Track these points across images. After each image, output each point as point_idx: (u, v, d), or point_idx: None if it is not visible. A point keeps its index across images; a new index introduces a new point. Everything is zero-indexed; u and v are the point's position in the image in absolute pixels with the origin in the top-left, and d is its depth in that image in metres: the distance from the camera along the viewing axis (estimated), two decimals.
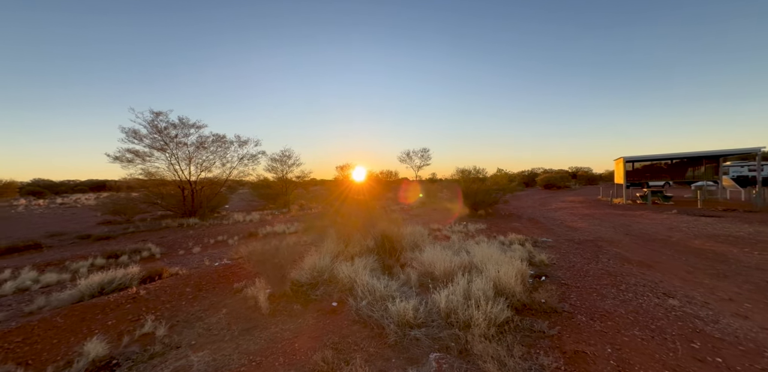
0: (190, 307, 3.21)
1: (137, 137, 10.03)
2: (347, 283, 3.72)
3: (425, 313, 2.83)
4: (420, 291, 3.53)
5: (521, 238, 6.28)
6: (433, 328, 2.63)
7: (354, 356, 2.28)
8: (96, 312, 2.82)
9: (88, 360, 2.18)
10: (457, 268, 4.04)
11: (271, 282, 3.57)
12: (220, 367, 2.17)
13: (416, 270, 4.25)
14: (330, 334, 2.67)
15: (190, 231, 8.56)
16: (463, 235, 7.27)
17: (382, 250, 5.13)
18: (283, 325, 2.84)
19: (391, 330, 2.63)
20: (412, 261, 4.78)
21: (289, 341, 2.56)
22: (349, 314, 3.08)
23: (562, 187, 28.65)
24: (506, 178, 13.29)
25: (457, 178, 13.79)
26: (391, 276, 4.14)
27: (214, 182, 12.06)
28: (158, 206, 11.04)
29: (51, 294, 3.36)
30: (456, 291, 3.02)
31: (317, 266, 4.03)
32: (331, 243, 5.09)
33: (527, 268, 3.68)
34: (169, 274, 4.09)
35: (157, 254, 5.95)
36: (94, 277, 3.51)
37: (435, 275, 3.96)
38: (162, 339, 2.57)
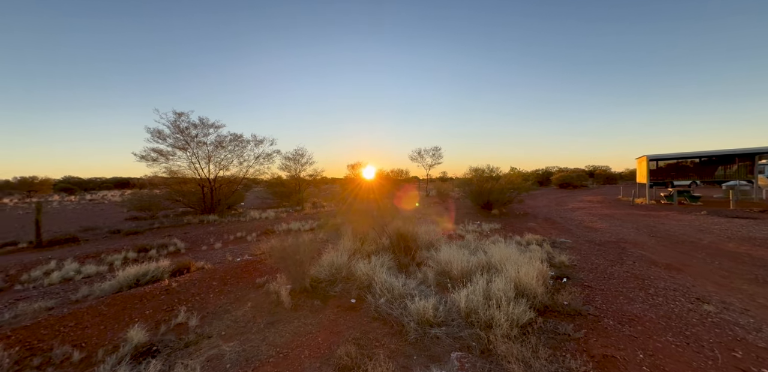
0: (217, 300, 3.37)
1: (161, 137, 10.50)
2: (365, 280, 3.79)
3: (445, 312, 2.85)
4: (438, 290, 3.55)
5: (538, 239, 6.16)
6: (454, 327, 2.65)
7: (376, 352, 2.34)
8: (135, 302, 3.02)
9: (131, 345, 2.35)
10: (475, 267, 4.03)
11: (291, 278, 3.69)
12: (250, 357, 2.28)
13: (433, 269, 4.26)
14: (351, 330, 2.74)
15: (210, 227, 8.91)
16: (478, 235, 7.20)
17: (398, 249, 5.17)
18: (305, 320, 2.94)
19: (411, 328, 2.67)
20: (427, 260, 4.80)
21: (312, 335, 2.65)
22: (368, 311, 3.14)
23: (579, 186, 27.70)
24: (521, 177, 12.98)
25: (469, 177, 13.61)
26: (408, 274, 4.18)
27: (232, 180, 12.46)
28: (180, 203, 11.55)
29: (93, 284, 3.62)
30: (475, 291, 3.02)
31: (335, 263, 4.12)
32: (347, 241, 5.18)
33: (547, 270, 3.62)
34: (196, 268, 4.30)
35: (182, 249, 6.24)
36: (130, 269, 3.74)
37: (452, 275, 3.97)
38: (195, 329, 2.73)
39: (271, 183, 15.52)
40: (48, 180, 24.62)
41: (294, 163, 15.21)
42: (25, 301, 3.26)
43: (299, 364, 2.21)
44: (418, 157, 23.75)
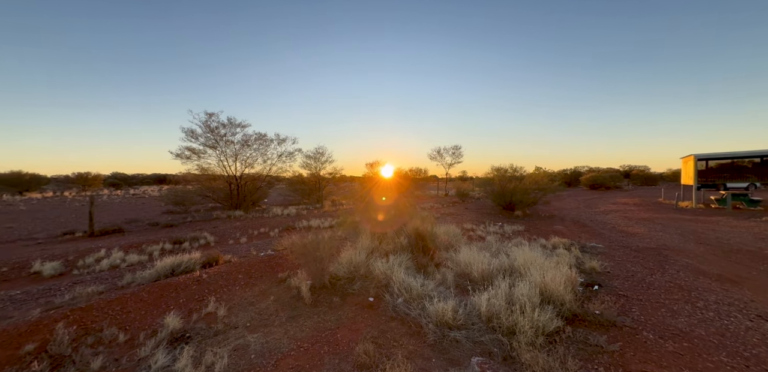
0: (243, 293, 3.54)
1: (194, 136, 11.22)
2: (383, 279, 3.80)
3: (465, 315, 2.78)
4: (457, 292, 3.47)
5: (566, 242, 5.81)
6: (474, 331, 2.58)
7: (394, 352, 2.33)
8: (170, 290, 3.26)
9: (168, 331, 2.54)
10: (496, 270, 3.90)
11: (311, 274, 3.78)
12: (273, 349, 2.37)
13: (452, 270, 4.18)
14: (369, 328, 2.76)
15: (236, 222, 9.40)
16: (500, 237, 6.95)
17: (416, 249, 5.13)
18: (325, 316, 3.00)
19: (429, 329, 2.63)
20: (446, 261, 4.71)
21: (331, 331, 2.70)
22: (386, 310, 3.14)
23: (612, 187, 25.77)
24: (546, 177, 12.30)
25: (491, 177, 13.14)
26: (426, 275, 4.13)
27: (256, 178, 13.03)
28: (209, 199, 12.29)
29: (135, 272, 3.96)
30: (497, 295, 2.91)
31: (353, 261, 4.17)
32: (365, 239, 5.22)
33: (576, 276, 3.40)
34: (224, 261, 4.55)
35: (212, 242, 6.64)
36: (166, 260, 4.04)
37: (472, 277, 3.86)
38: (222, 319, 2.89)
39: (292, 181, 16.04)
40: (99, 176, 27.40)
41: (314, 162, 15.60)
42: (80, 284, 3.65)
43: (319, 359, 2.26)
44: (437, 156, 23.35)
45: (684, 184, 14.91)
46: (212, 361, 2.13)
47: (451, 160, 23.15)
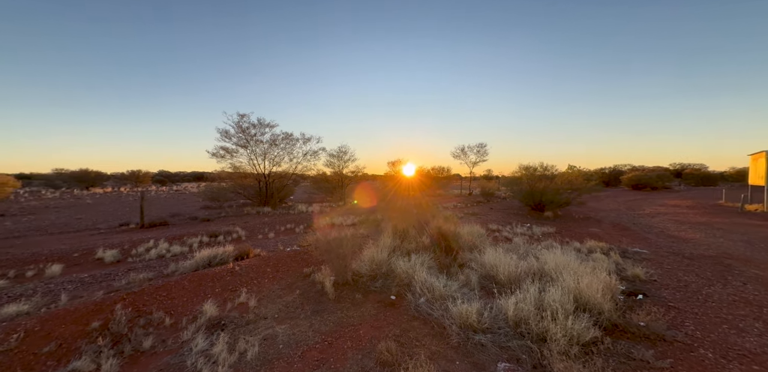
0: (271, 285, 3.73)
1: (227, 136, 12.02)
2: (404, 278, 3.78)
3: (490, 318, 2.68)
4: (482, 294, 3.36)
5: (603, 247, 5.36)
6: (500, 335, 2.48)
7: (417, 352, 2.32)
8: (208, 280, 3.54)
9: (206, 317, 2.75)
10: (525, 274, 3.71)
11: (334, 270, 3.88)
12: (299, 341, 2.47)
13: (476, 272, 4.05)
14: (390, 327, 2.77)
15: (265, 218, 9.92)
16: (528, 239, 6.60)
17: (438, 249, 5.04)
18: (347, 312, 3.06)
19: (453, 331, 2.58)
20: (470, 262, 4.58)
21: (354, 327, 2.75)
22: (408, 309, 3.13)
23: (659, 188, 23.25)
24: (581, 177, 11.39)
25: (518, 176, 12.48)
26: (449, 275, 4.04)
27: (283, 176, 13.63)
28: (241, 195, 13.11)
29: (178, 262, 4.35)
30: (525, 299, 2.77)
31: (375, 259, 4.20)
32: (387, 238, 5.23)
33: (617, 283, 3.12)
34: (254, 254, 4.83)
35: (243, 237, 7.08)
36: (204, 251, 4.39)
37: (498, 279, 3.71)
38: (253, 309, 3.07)
39: (316, 179, 16.55)
40: (148, 173, 30.48)
41: (337, 160, 15.94)
42: (134, 271, 4.09)
43: (342, 354, 2.32)
44: (460, 154, 22.69)
45: (753, 184, 12.99)
46: (245, 349, 2.28)
47: (476, 159, 22.38)
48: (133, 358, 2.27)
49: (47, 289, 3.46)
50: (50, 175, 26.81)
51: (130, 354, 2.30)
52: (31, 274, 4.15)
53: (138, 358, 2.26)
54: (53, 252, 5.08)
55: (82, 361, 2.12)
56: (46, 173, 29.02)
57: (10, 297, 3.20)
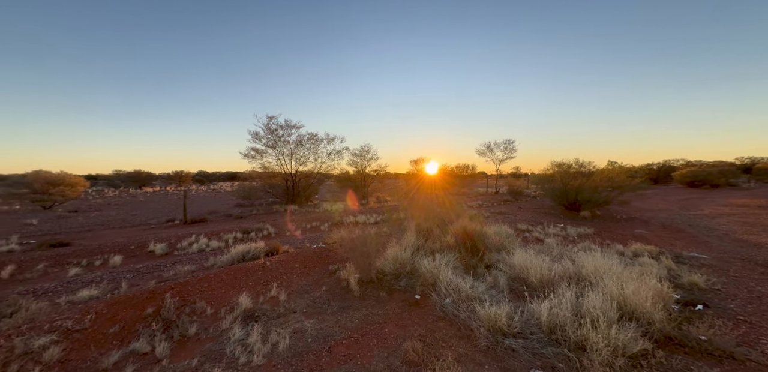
0: (299, 281, 3.89)
1: (257, 138, 12.72)
2: (429, 278, 3.74)
3: (521, 323, 2.55)
4: (512, 297, 3.21)
5: (652, 250, 4.85)
6: (533, 341, 2.35)
7: (443, 353, 2.28)
8: (242, 274, 3.78)
9: (241, 309, 2.95)
10: (559, 277, 3.48)
11: (359, 268, 3.94)
12: (326, 336, 2.55)
13: (504, 273, 3.89)
14: (416, 326, 2.76)
15: (292, 216, 10.37)
16: (561, 240, 6.18)
17: (463, 248, 4.91)
18: (372, 310, 3.10)
19: (481, 334, 2.50)
20: (498, 263, 4.41)
21: (379, 325, 2.77)
22: (433, 310, 3.09)
23: (722, 185, 20.45)
24: (624, 173, 10.36)
25: (550, 173, 11.70)
26: (476, 276, 3.93)
27: (308, 175, 14.12)
28: (270, 194, 13.82)
29: (216, 256, 4.72)
30: (561, 304, 2.60)
31: (399, 258, 4.19)
32: (410, 237, 5.20)
33: (669, 291, 2.81)
34: (283, 251, 5.07)
35: (272, 233, 7.47)
36: (238, 247, 4.70)
37: (529, 282, 3.53)
38: (283, 303, 3.22)
39: (339, 178, 16.91)
40: (189, 174, 33.36)
41: (360, 159, 16.15)
42: (179, 263, 4.50)
43: (368, 351, 2.35)
44: (486, 152, 21.83)
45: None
46: (277, 340, 2.41)
47: (503, 156, 21.39)
48: (180, 342, 2.50)
49: (111, 276, 3.94)
50: (111, 176, 30.45)
51: (178, 339, 2.53)
52: (99, 264, 4.74)
53: (185, 343, 2.49)
54: (115, 244, 5.76)
55: (140, 343, 2.38)
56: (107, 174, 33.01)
57: (83, 283, 3.70)
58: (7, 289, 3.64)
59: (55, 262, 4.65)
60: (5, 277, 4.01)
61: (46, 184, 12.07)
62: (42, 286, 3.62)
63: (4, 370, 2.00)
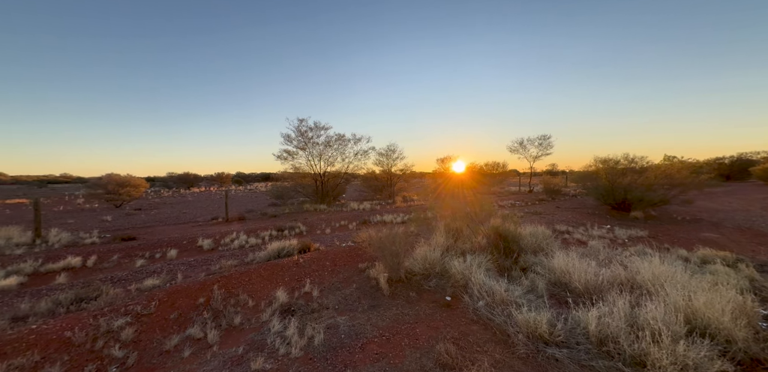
0: (330, 278, 4.02)
1: (289, 140, 13.38)
2: (460, 279, 3.64)
3: (565, 331, 2.37)
4: (553, 303, 3.00)
5: (727, 256, 4.20)
6: (579, 351, 2.17)
7: (479, 358, 2.20)
8: (278, 270, 4.02)
9: (279, 303, 3.13)
10: (608, 283, 3.17)
11: (388, 267, 3.95)
12: (359, 333, 2.60)
13: (543, 277, 3.64)
14: (448, 328, 2.69)
15: (321, 215, 10.75)
16: (609, 242, 5.62)
17: (496, 250, 4.69)
18: (402, 309, 3.09)
19: (519, 340, 2.37)
20: (535, 266, 4.14)
21: (410, 325, 2.76)
22: (466, 312, 3.00)
23: None
24: (686, 169, 9.07)
25: (593, 170, 10.67)
26: (510, 279, 3.74)
27: (336, 175, 14.52)
28: (300, 194, 14.47)
29: (254, 252, 5.06)
30: (613, 313, 2.36)
31: (428, 258, 4.13)
32: (439, 236, 5.09)
33: (754, 304, 2.40)
34: (314, 248, 5.28)
35: (304, 232, 7.81)
36: (274, 244, 4.99)
37: (572, 287, 3.27)
38: (316, 299, 3.35)
39: (366, 177, 17.15)
40: (229, 175, 36.36)
41: (386, 159, 16.22)
42: (223, 258, 4.91)
43: (400, 351, 2.35)
44: (519, 148, 20.59)
45: None
46: (312, 335, 2.51)
47: (538, 152, 20.01)
48: (227, 331, 2.73)
49: (169, 268, 4.43)
50: (165, 178, 34.28)
51: (225, 328, 2.77)
52: (158, 256, 5.36)
53: (231, 332, 2.71)
54: (170, 239, 6.46)
55: (195, 329, 2.65)
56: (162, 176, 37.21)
57: (147, 273, 4.21)
58: (91, 275, 4.27)
59: (125, 254, 5.36)
60: (90, 265, 4.71)
61: (116, 185, 13.94)
62: (116, 274, 4.19)
63: (93, 343, 2.35)
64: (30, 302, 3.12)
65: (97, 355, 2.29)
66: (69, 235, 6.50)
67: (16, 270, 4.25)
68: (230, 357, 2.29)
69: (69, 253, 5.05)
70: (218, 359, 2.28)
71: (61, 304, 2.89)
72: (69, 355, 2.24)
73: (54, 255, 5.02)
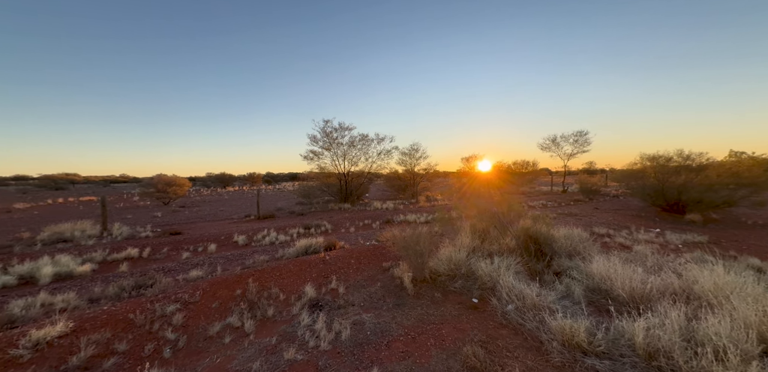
0: (355, 276, 4.11)
1: (315, 141, 13.87)
2: (487, 281, 3.52)
3: (607, 342, 2.19)
4: (591, 311, 2.79)
5: None
6: (624, 365, 2.00)
7: (509, 363, 2.12)
8: (305, 266, 4.19)
9: (307, 297, 3.27)
10: (658, 292, 2.87)
11: (412, 267, 3.94)
12: (384, 331, 2.63)
13: (579, 283, 3.40)
14: (475, 331, 2.62)
15: (345, 214, 11.00)
16: (658, 248, 5.08)
17: (526, 252, 4.46)
18: (428, 310, 3.07)
19: (553, 348, 2.24)
20: (570, 270, 3.88)
21: (435, 326, 2.73)
22: (494, 315, 2.90)
23: None
24: (760, 166, 7.84)
25: (639, 168, 9.67)
26: (542, 283, 3.54)
27: (359, 174, 14.76)
28: (325, 193, 14.92)
29: (284, 248, 5.33)
30: (664, 325, 2.14)
31: (453, 259, 4.05)
32: (464, 237, 4.96)
33: None
34: (339, 246, 5.42)
35: (329, 230, 8.05)
36: (302, 241, 5.21)
37: (614, 295, 3.01)
38: (342, 296, 3.45)
39: (389, 177, 17.21)
40: (260, 175, 38.72)
41: (409, 158, 16.14)
42: (257, 253, 5.24)
43: (426, 351, 2.34)
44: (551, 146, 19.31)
45: None
46: (339, 330, 2.59)
47: (573, 150, 18.61)
48: (261, 321, 2.91)
49: (209, 261, 4.83)
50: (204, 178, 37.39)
51: (260, 318, 2.95)
52: (200, 250, 5.87)
53: (265, 323, 2.89)
54: (210, 235, 7.04)
55: (233, 318, 2.86)
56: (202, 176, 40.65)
57: (192, 265, 4.63)
58: (146, 266, 4.80)
59: (173, 247, 5.94)
60: (145, 256, 5.30)
61: (165, 184, 15.47)
62: (167, 265, 4.66)
63: (151, 325, 2.65)
64: (101, 287, 3.59)
65: (154, 336, 2.57)
66: (128, 229, 7.35)
67: (89, 258, 4.91)
68: (265, 346, 2.45)
69: (129, 245, 5.71)
70: (254, 347, 2.44)
71: (125, 290, 3.29)
72: (132, 334, 2.55)
73: (117, 246, 5.71)
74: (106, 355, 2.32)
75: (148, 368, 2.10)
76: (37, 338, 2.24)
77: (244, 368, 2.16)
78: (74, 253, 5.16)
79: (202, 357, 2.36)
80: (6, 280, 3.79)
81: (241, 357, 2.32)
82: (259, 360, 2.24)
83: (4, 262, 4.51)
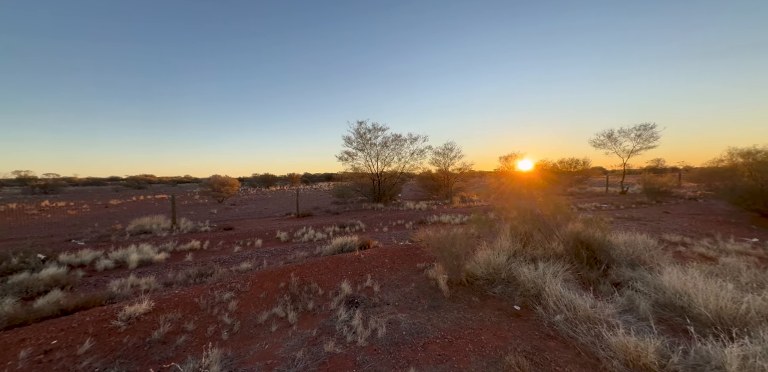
0: (390, 275, 4.13)
1: (349, 142, 14.31)
2: (531, 288, 3.27)
3: (686, 368, 1.88)
4: (662, 330, 2.42)
5: None
6: None
7: None
8: (341, 263, 4.35)
9: (344, 294, 3.39)
10: (756, 314, 2.38)
11: (447, 269, 3.83)
12: (419, 332, 2.61)
13: (646, 296, 2.97)
14: (518, 340, 2.46)
15: (378, 213, 11.14)
16: (756, 261, 4.20)
17: (577, 259, 4.04)
18: (465, 314, 2.96)
19: (613, 367, 2.00)
20: (632, 281, 3.41)
21: (474, 331, 2.62)
22: (539, 325, 2.68)
23: None
24: None
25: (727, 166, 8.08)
26: (597, 294, 3.17)
27: (392, 175, 14.83)
28: (359, 193, 15.30)
29: (321, 246, 5.61)
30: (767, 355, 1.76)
31: (492, 262, 3.84)
32: (504, 240, 4.67)
33: None
34: (373, 245, 5.51)
35: (363, 229, 8.23)
36: (337, 239, 5.42)
37: (694, 313, 2.57)
38: (377, 294, 3.50)
39: (422, 177, 16.97)
40: (298, 175, 41.39)
41: (443, 158, 15.72)
42: (297, 250, 5.59)
43: (464, 356, 2.26)
44: (606, 142, 17.19)
45: None
46: (375, 327, 2.63)
47: (635, 146, 16.32)
48: (303, 314, 3.10)
49: (257, 255, 5.30)
50: (251, 178, 41.19)
51: (301, 311, 3.15)
52: (249, 244, 6.46)
53: (306, 316, 3.07)
54: (257, 231, 7.71)
55: (278, 309, 3.10)
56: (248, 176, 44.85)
57: (242, 258, 5.13)
58: (206, 257, 5.45)
59: (226, 241, 6.64)
60: (205, 248, 6.02)
61: (219, 184, 17.38)
62: (222, 257, 5.23)
63: (212, 310, 3.01)
64: (172, 273, 4.18)
65: (214, 319, 2.91)
66: (191, 224, 8.42)
67: (163, 248, 5.74)
68: (306, 337, 2.60)
69: (192, 238, 6.54)
70: (297, 338, 2.61)
71: (191, 277, 3.78)
72: (198, 316, 2.92)
73: (184, 238, 6.58)
74: (178, 332, 2.69)
75: (210, 347, 2.37)
76: (130, 313, 2.69)
77: (289, 356, 2.33)
78: (152, 243, 6.07)
79: (254, 342, 2.60)
80: (107, 264, 4.68)
81: (286, 345, 2.49)
82: (302, 350, 2.38)
83: (105, 249, 5.51)
